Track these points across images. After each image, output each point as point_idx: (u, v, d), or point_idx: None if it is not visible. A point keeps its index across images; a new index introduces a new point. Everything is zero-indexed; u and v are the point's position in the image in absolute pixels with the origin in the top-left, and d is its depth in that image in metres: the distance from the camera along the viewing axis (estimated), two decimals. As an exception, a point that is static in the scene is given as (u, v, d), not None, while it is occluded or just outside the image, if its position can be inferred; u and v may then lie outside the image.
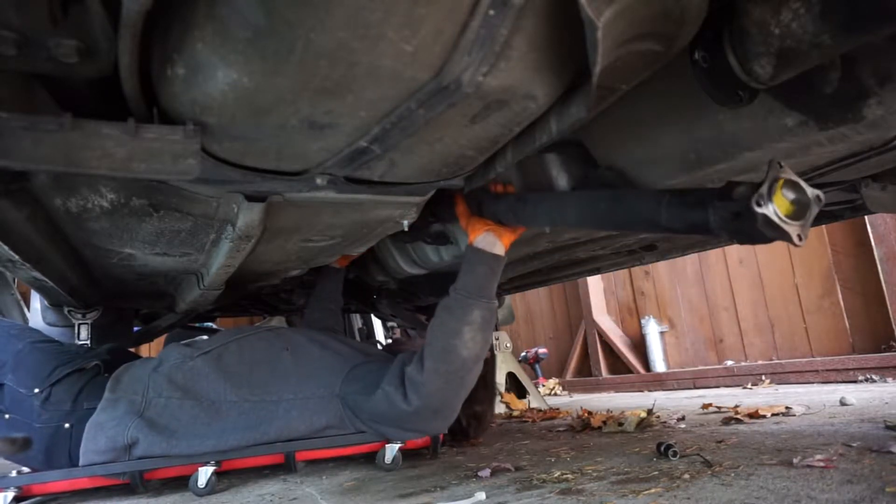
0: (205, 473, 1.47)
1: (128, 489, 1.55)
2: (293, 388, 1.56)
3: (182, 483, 1.55)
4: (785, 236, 0.60)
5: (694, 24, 0.69)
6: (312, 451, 1.61)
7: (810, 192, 0.62)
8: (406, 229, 1.35)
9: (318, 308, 2.09)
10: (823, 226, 3.25)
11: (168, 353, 1.63)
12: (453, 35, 0.60)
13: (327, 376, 1.59)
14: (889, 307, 3.19)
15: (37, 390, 1.50)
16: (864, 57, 0.72)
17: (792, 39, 0.65)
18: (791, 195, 0.61)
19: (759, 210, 0.60)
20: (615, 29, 0.61)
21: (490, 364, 1.89)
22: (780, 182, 0.61)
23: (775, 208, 0.60)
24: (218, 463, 1.49)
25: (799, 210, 0.61)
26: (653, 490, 1.11)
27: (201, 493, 1.46)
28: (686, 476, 1.20)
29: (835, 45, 0.63)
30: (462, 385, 1.44)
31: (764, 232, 0.61)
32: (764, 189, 0.60)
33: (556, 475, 1.34)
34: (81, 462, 1.45)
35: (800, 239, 0.61)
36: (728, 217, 0.64)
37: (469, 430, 1.90)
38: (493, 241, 1.36)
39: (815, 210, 0.62)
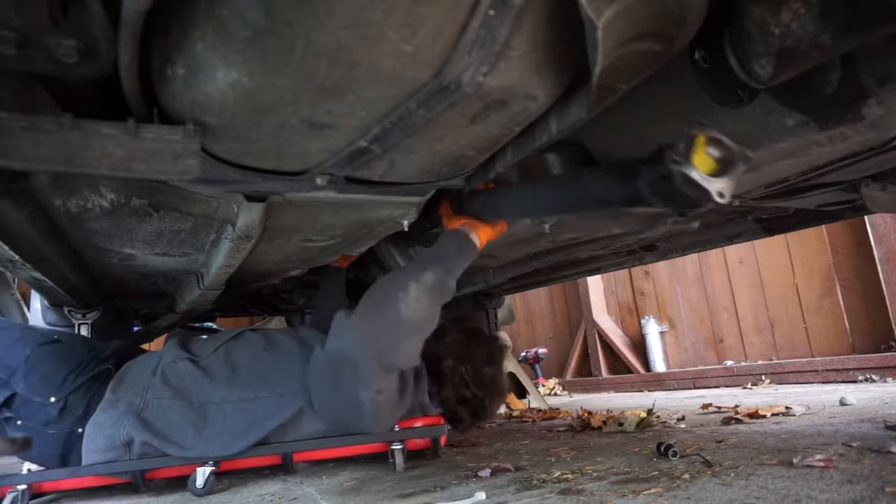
0: (202, 474, 1.47)
1: (130, 488, 1.56)
2: (267, 384, 1.54)
3: (184, 482, 1.55)
4: (705, 194, 0.59)
5: (694, 24, 0.69)
6: (310, 451, 1.60)
7: (735, 148, 0.61)
8: (406, 229, 1.35)
9: (324, 309, 2.08)
10: (823, 226, 3.26)
11: (165, 353, 1.63)
12: (453, 35, 0.60)
13: (297, 368, 1.55)
14: (889, 307, 3.19)
15: (53, 399, 1.49)
16: (864, 57, 0.72)
17: (792, 39, 0.64)
18: (716, 153, 0.60)
19: (676, 168, 0.59)
20: (615, 29, 0.61)
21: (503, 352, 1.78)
22: (701, 140, 0.60)
23: (694, 167, 0.59)
24: (216, 463, 1.49)
25: (723, 168, 0.60)
26: (653, 490, 1.11)
27: (200, 494, 1.46)
28: (686, 476, 1.20)
29: (835, 45, 0.62)
30: (391, 347, 1.28)
31: (683, 191, 0.60)
32: (681, 146, 0.60)
33: (556, 475, 1.34)
34: (84, 462, 1.46)
35: (721, 196, 0.60)
36: (657, 181, 0.64)
37: (463, 418, 1.66)
38: (467, 230, 1.35)
39: (740, 166, 0.61)
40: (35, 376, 1.53)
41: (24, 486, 1.45)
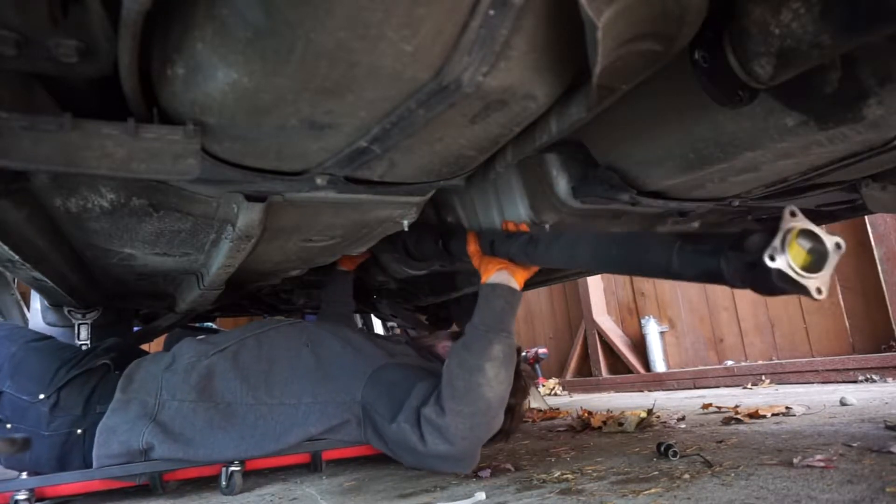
0: (235, 474, 1.45)
1: (143, 492, 1.52)
2: (312, 389, 1.49)
3: (200, 484, 1.54)
4: (802, 290, 0.56)
5: (694, 24, 0.69)
6: (339, 450, 1.59)
7: (828, 240, 0.58)
8: (406, 229, 1.35)
9: (331, 314, 2.06)
10: (823, 226, 3.26)
11: (182, 350, 1.56)
12: (453, 35, 0.60)
13: (348, 379, 1.50)
14: (889, 307, 3.19)
15: (42, 396, 1.41)
16: (864, 57, 0.72)
17: (792, 39, 0.64)
18: (807, 244, 0.57)
19: (772, 265, 0.56)
20: (615, 29, 0.61)
21: (518, 355, 1.80)
22: (795, 231, 0.57)
23: (790, 261, 0.56)
24: (242, 463, 1.46)
25: (817, 260, 0.57)
26: (653, 490, 1.11)
27: (227, 493, 1.45)
28: (686, 476, 1.20)
29: (835, 45, 0.62)
30: (488, 432, 1.33)
31: (779, 286, 0.57)
32: (777, 242, 0.56)
33: (556, 475, 1.34)
34: (95, 467, 1.39)
35: (819, 293, 0.56)
36: (742, 268, 0.61)
37: (503, 423, 1.69)
38: (507, 279, 1.33)
39: (835, 260, 0.57)
40: (22, 373, 1.45)
41: (25, 495, 1.37)
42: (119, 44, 0.65)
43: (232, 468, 1.45)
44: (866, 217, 3.17)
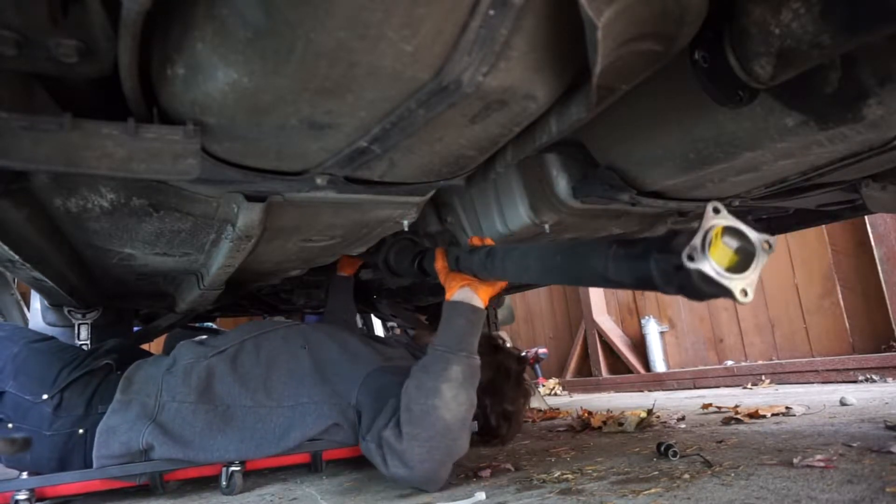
0: (235, 474, 1.45)
1: (143, 492, 1.52)
2: (309, 391, 1.50)
3: (200, 484, 1.53)
4: (726, 293, 0.52)
5: (694, 24, 0.69)
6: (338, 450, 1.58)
7: (755, 237, 0.54)
8: (406, 229, 1.35)
9: (333, 320, 2.07)
10: (823, 226, 3.27)
11: (182, 352, 1.56)
12: (453, 35, 0.60)
13: (344, 383, 1.51)
14: (889, 307, 3.19)
15: (45, 396, 1.42)
16: (864, 57, 0.72)
17: (792, 39, 0.65)
18: (734, 243, 0.53)
19: (691, 265, 0.52)
20: (615, 29, 0.61)
21: (523, 362, 1.75)
22: (718, 230, 0.53)
23: (712, 262, 0.52)
24: (242, 463, 1.46)
25: (744, 260, 0.53)
26: (653, 490, 1.11)
27: (227, 493, 1.45)
28: (686, 476, 1.20)
29: (835, 45, 0.63)
30: (449, 455, 1.28)
31: (702, 289, 0.53)
32: (697, 241, 0.53)
33: (556, 475, 1.34)
34: (95, 467, 1.39)
35: (744, 294, 0.52)
36: (670, 270, 0.56)
37: (499, 429, 1.71)
38: (470, 296, 1.32)
39: (763, 259, 0.54)
40: (24, 373, 1.45)
41: (26, 495, 1.36)
42: (119, 44, 0.65)
43: (232, 468, 1.45)
44: (866, 217, 3.17)
